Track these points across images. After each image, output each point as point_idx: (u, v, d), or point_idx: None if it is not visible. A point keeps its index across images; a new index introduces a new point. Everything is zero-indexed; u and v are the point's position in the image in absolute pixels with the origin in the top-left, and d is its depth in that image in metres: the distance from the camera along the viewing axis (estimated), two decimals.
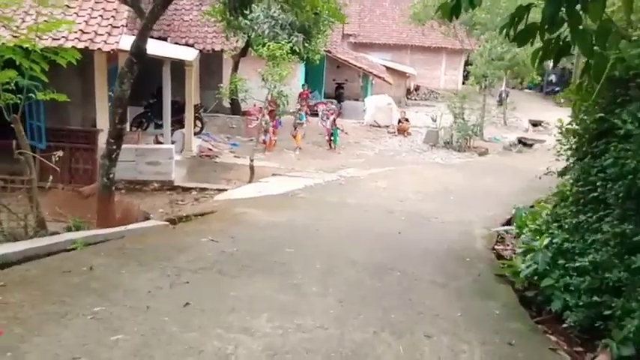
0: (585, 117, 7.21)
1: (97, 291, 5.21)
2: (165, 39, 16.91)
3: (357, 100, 30.86)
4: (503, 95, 30.89)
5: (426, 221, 11.30)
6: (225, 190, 14.24)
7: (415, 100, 32.68)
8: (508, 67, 25.47)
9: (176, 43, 16.79)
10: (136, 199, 13.49)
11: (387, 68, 30.23)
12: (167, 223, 10.35)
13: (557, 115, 27.37)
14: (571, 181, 7.27)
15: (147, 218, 11.19)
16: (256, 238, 8.40)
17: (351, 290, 6.06)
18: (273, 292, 5.67)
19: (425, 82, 33.98)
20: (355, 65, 26.44)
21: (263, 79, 15.91)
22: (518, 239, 9.03)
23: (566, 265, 6.15)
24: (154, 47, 14.71)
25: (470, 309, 5.81)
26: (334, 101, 24.67)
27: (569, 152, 7.68)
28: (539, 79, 27.69)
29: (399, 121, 22.81)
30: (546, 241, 6.56)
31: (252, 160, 16.05)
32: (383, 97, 23.82)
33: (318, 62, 22.31)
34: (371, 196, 13.56)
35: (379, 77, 26.90)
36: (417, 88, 33.49)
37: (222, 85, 16.20)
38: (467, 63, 37.35)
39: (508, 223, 12.48)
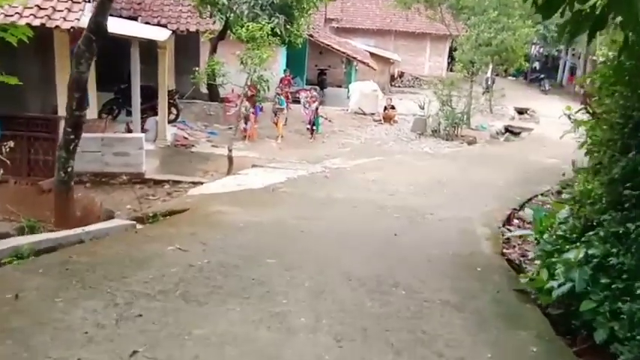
0: (622, 102, 6.00)
1: (15, 334, 3.86)
2: (135, 18, 15.40)
3: (340, 86, 29.52)
4: (489, 82, 29.75)
5: (421, 219, 10.07)
6: (201, 183, 12.86)
7: (399, 87, 31.43)
8: (496, 52, 24.25)
9: (147, 23, 15.28)
10: (101, 194, 12.07)
11: (371, 54, 28.87)
12: (133, 222, 9.04)
13: (543, 102, 25.86)
14: (605, 178, 6.01)
15: (111, 217, 9.79)
16: (232, 245, 7.09)
17: (348, 320, 4.78)
18: (251, 327, 4.38)
19: (409, 69, 32.72)
20: (339, 50, 25.08)
21: (242, 63, 14.49)
22: (534, 244, 7.81)
23: (612, 286, 4.93)
24: (121, 26, 13.24)
25: (499, 345, 4.57)
26: (317, 88, 23.20)
27: (598, 145, 6.49)
28: (527, 65, 26.55)
29: (385, 109, 21.53)
30: (582, 253, 5.33)
31: (230, 150, 14.68)
32: (368, 84, 22.50)
33: (300, 46, 20.90)
34: (360, 190, 12.29)
35: (363, 63, 25.56)
36: (401, 75, 32.23)
37: (197, 68, 14.76)
38: (452, 49, 36.20)
39: (508, 220, 11.33)
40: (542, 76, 34.95)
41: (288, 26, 18.35)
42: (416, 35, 32.52)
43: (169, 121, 17.79)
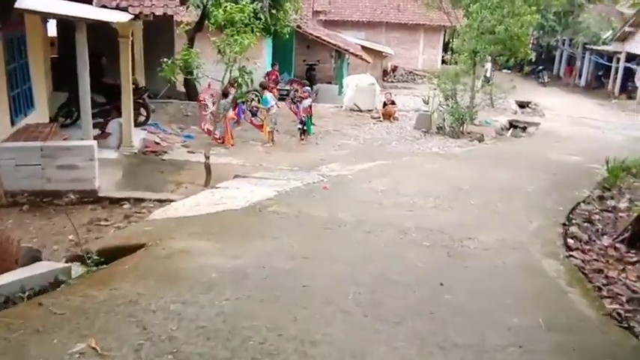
0: None
1: None
2: (90, 2, 12.40)
3: (330, 83, 26.66)
4: (489, 75, 27.03)
5: (461, 248, 7.25)
6: (170, 201, 9.93)
7: (392, 82, 28.64)
8: (500, 41, 21.46)
9: (103, 6, 12.31)
10: (40, 220, 9.12)
11: (362, 48, 26.05)
12: (68, 266, 6.23)
13: (544, 95, 22.37)
14: None
15: (36, 258, 6.86)
16: (193, 329, 4.20)
17: None
18: None
19: (402, 63, 29.94)
20: (329, 42, 22.22)
21: (219, 52, 11.59)
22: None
23: None
24: (60, 5, 10.29)
25: None
26: (307, 82, 20.24)
27: None
28: (533, 53, 23.86)
29: (385, 104, 18.73)
30: None
31: (207, 158, 11.79)
32: (364, 77, 19.61)
33: (287, 37, 18.06)
34: (369, 205, 9.44)
35: (356, 55, 22.71)
36: (394, 69, 29.43)
37: (166, 60, 11.83)
38: (446, 42, 33.42)
39: (565, 242, 8.56)
40: (540, 67, 32.27)
41: (273, 11, 15.44)
42: (409, 27, 29.71)
43: (137, 124, 14.84)
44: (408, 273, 5.95)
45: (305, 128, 15.33)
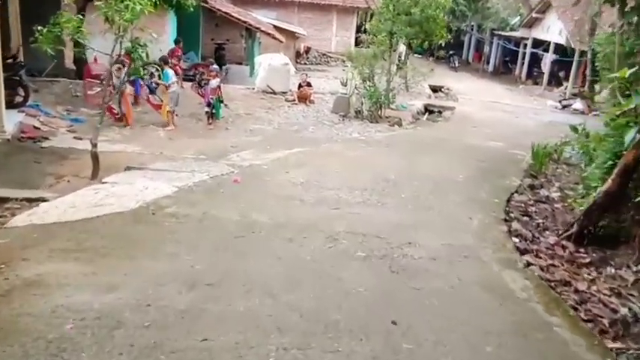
0: None
1: None
2: None
3: (240, 64, 24.57)
4: (403, 58, 25.95)
5: (405, 260, 5.80)
6: (42, 200, 7.81)
7: (306, 64, 26.98)
8: (417, 22, 20.31)
9: None
10: None
11: (274, 28, 24.15)
12: None
13: (455, 80, 21.31)
14: None
15: None
16: None
17: None
18: None
19: (315, 45, 28.31)
20: (239, 20, 20.18)
21: (106, 20, 9.43)
22: None
23: None
24: None
25: None
26: (213, 62, 17.82)
27: None
28: (449, 36, 23.00)
29: (300, 86, 17.05)
30: None
31: (94, 145, 9.64)
32: (278, 57, 17.73)
33: (191, 10, 15.86)
34: (288, 203, 7.81)
35: (268, 34, 20.83)
36: (307, 51, 27.75)
37: (41, 28, 9.52)
38: (358, 25, 32.16)
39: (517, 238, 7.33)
40: (451, 52, 31.70)
41: None
42: (321, 7, 28.04)
43: (13, 105, 12.35)
44: (349, 307, 4.38)
45: (213, 111, 13.40)
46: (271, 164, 10.33)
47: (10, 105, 12.39)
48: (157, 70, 12.91)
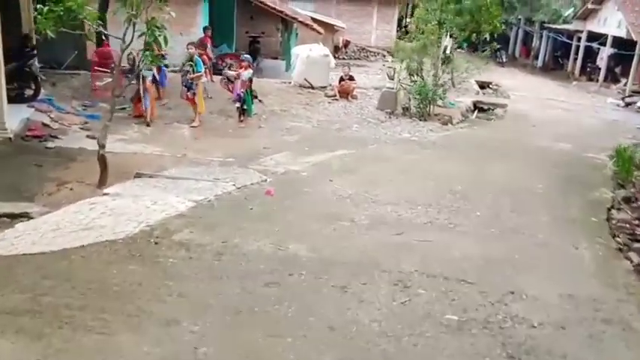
0: None
1: None
2: None
3: (275, 58, 22.69)
4: (449, 52, 23.60)
5: (521, 330, 3.74)
6: (24, 217, 6.00)
7: (344, 58, 24.91)
8: (468, 11, 18.05)
9: None
10: None
11: (312, 20, 22.16)
12: None
13: (503, 76, 18.02)
14: None
15: None
16: None
17: None
18: None
19: (354, 39, 26.23)
20: (274, 9, 18.28)
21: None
22: None
23: None
24: None
25: None
26: (242, 53, 15.60)
27: None
28: (503, 27, 20.65)
29: (341, 80, 14.99)
30: None
31: (102, 147, 7.82)
32: (317, 47, 15.70)
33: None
34: (336, 225, 5.83)
35: (306, 25, 18.87)
36: (346, 44, 25.68)
37: (40, 6, 7.76)
38: (399, 18, 29.93)
39: None
40: (498, 47, 29.12)
41: None
42: None
43: (21, 99, 10.70)
44: None
45: (244, 107, 11.50)
46: (311, 170, 8.36)
47: (19, 99, 10.76)
48: (191, 66, 11.08)
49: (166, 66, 12.13)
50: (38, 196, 7.46)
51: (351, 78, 15.06)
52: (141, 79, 10.80)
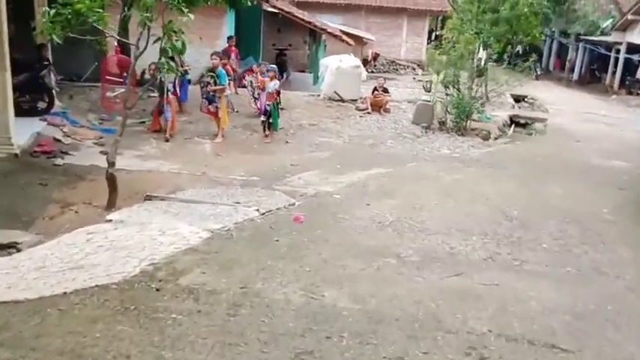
0: None
1: None
2: None
3: (302, 71, 21.76)
4: (483, 64, 22.34)
5: None
6: (13, 248, 5.02)
7: (373, 72, 23.84)
8: (506, 21, 16.86)
9: None
10: None
11: (341, 32, 21.18)
12: None
13: (539, 89, 16.53)
14: None
15: None
16: None
17: None
18: None
19: (383, 51, 25.19)
20: (304, 20, 17.36)
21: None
22: None
23: None
24: None
25: None
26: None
27: None
28: (543, 37, 19.45)
29: (374, 90, 13.86)
30: None
31: (111, 164, 6.86)
32: (347, 58, 14.60)
33: (252, 11, 13.23)
34: (379, 263, 4.70)
35: (336, 36, 17.89)
36: (375, 57, 24.62)
37: (45, 8, 6.87)
38: (430, 30, 28.82)
39: None
40: (533, 59, 27.77)
41: None
42: (391, 11, 24.85)
43: (35, 112, 9.88)
44: None
45: (270, 121, 10.49)
46: (345, 192, 7.26)
47: (32, 112, 9.93)
48: (212, 77, 10.12)
49: (189, 81, 11.22)
50: (38, 220, 6.51)
51: (385, 90, 13.94)
52: (166, 92, 9.91)
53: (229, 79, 11.56)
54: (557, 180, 9.11)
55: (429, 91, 13.30)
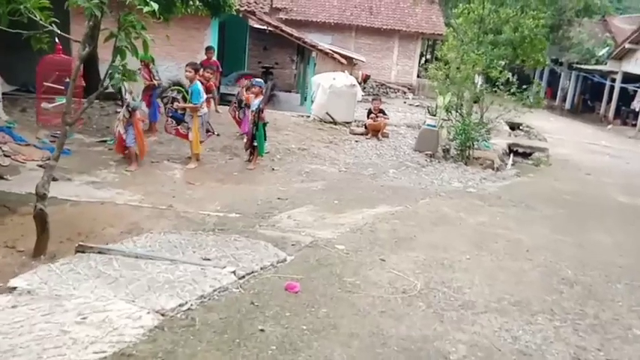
0: None
1: None
2: None
3: (289, 91, 20.10)
4: (478, 90, 20.88)
5: None
6: None
7: (363, 95, 22.29)
8: (509, 43, 15.38)
9: None
10: None
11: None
12: None
13: (532, 117, 15.16)
14: None
15: None
16: None
17: None
18: None
19: (372, 74, 23.67)
20: (292, 36, 15.70)
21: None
22: None
23: None
24: None
25: None
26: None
27: None
28: (548, 61, 18.09)
29: (370, 113, 12.20)
30: None
31: (41, 198, 4.98)
32: (342, 76, 12.73)
33: (235, 14, 11.42)
34: None
35: (326, 54, 16.23)
36: (365, 79, 23.01)
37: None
38: (422, 53, 27.43)
39: None
40: (525, 87, 26.50)
41: None
42: (382, 32, 23.29)
43: None
44: None
45: (255, 144, 8.66)
46: (350, 240, 5.44)
47: None
48: (180, 91, 8.28)
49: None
50: None
51: (382, 112, 12.24)
52: (125, 107, 8.02)
53: (209, 97, 9.75)
54: (596, 224, 7.44)
55: (435, 115, 11.62)
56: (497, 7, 15.24)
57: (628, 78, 23.58)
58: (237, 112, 9.64)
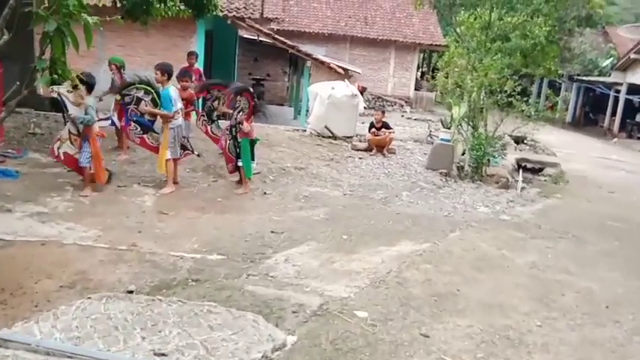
0: None
1: None
2: None
3: (281, 105, 18.61)
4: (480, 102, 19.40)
5: None
6: None
7: (365, 107, 20.79)
8: (519, 50, 13.91)
9: None
10: None
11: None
12: None
13: (537, 130, 12.58)
14: None
15: None
16: None
17: None
18: None
19: (368, 86, 22.23)
20: (286, 44, 14.19)
21: None
22: None
23: None
24: None
25: None
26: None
27: None
28: (559, 70, 16.65)
29: (372, 127, 10.91)
30: None
31: None
32: (341, 85, 11.04)
33: (213, 11, 9.81)
34: None
35: (322, 63, 14.71)
36: (362, 91, 21.55)
37: None
38: (420, 65, 26.05)
39: None
40: (525, 98, 25.17)
41: None
42: (378, 43, 21.79)
43: None
44: None
45: (240, 164, 7.00)
46: (371, 299, 3.84)
47: None
48: (147, 92, 6.71)
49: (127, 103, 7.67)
50: None
51: (386, 126, 10.68)
52: (65, 117, 6.42)
53: (191, 109, 8.15)
54: None
55: (449, 128, 10.09)
56: (507, 11, 13.83)
57: (633, 89, 22.32)
58: (208, 127, 8.00)
